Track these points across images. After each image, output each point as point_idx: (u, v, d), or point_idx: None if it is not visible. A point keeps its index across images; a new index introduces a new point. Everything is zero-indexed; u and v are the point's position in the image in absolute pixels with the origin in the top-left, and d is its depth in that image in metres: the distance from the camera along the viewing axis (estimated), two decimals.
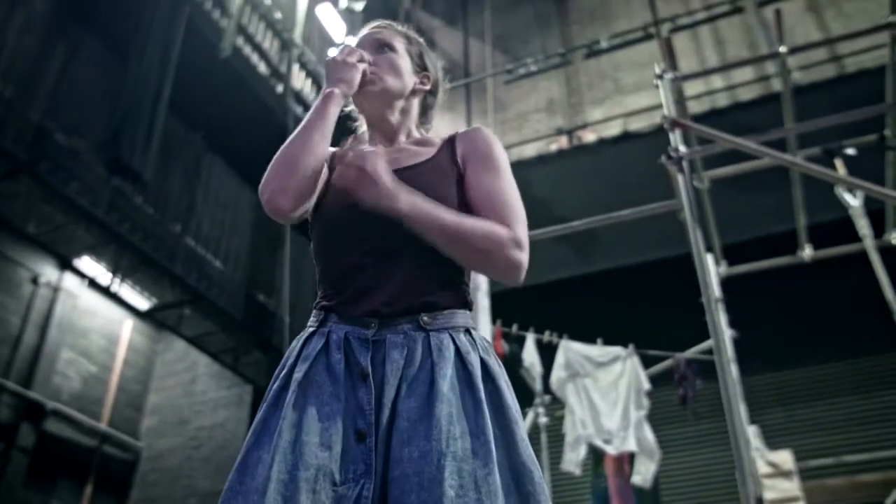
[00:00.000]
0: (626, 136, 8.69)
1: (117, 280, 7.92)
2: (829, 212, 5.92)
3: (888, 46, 5.25)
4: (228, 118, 8.33)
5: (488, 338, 2.34)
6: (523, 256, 1.54)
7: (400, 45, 1.85)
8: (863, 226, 5.21)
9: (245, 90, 8.31)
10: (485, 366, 1.48)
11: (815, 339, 7.27)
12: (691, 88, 9.15)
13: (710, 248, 5.98)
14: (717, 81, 8.66)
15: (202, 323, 8.33)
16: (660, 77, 5.20)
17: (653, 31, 8.87)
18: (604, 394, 5.85)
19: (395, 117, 1.80)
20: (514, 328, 6.04)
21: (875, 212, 5.69)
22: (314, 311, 1.59)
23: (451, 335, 1.49)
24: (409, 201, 1.48)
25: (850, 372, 7.15)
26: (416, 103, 1.84)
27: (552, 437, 6.65)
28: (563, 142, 9.37)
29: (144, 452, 9.19)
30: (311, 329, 1.56)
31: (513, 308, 6.08)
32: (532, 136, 9.58)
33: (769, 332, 6.90)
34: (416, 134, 1.82)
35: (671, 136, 4.97)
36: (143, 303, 8.49)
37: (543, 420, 6.69)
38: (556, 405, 6.52)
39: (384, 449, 1.36)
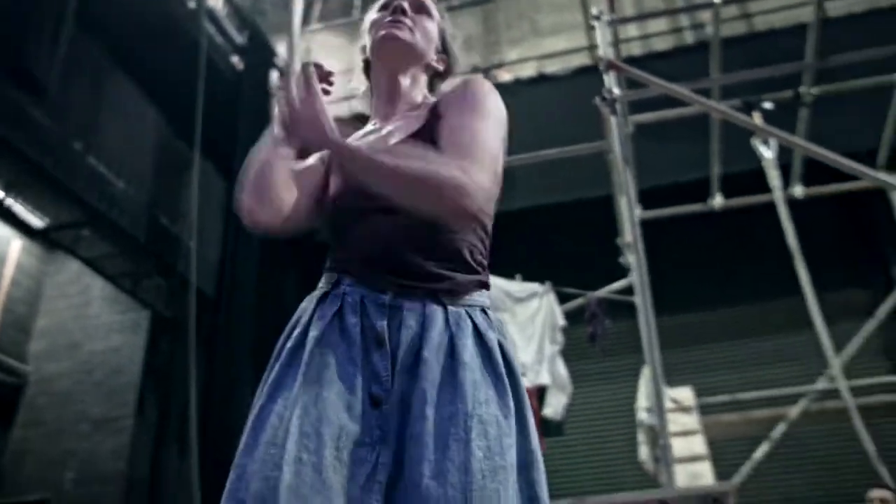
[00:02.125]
0: (541, 78, 8.78)
1: (10, 197, 7.49)
2: (740, 163, 6.19)
3: (813, 6, 5.46)
4: (137, 33, 7.90)
5: None
6: (477, 188, 1.42)
7: (435, 15, 1.82)
8: (774, 177, 5.48)
9: (155, 3, 7.91)
10: (501, 347, 1.47)
11: (718, 283, 7.67)
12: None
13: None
14: (632, 30, 8.82)
15: (100, 245, 8.00)
16: (597, 18, 5.27)
17: None
18: (521, 328, 5.99)
19: (405, 81, 1.75)
20: None
21: (782, 166, 5.99)
22: (326, 273, 1.56)
23: (468, 312, 1.47)
24: (339, 151, 1.45)
25: (748, 315, 7.60)
26: (425, 78, 1.80)
27: None
28: None
29: (32, 376, 8.82)
30: (323, 290, 1.52)
31: None
32: None
33: (673, 275, 7.22)
34: (417, 101, 1.75)
35: (605, 77, 5.06)
36: (36, 221, 8.07)
37: None
38: None
39: (398, 414, 1.34)
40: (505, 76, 9.27)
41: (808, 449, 6.88)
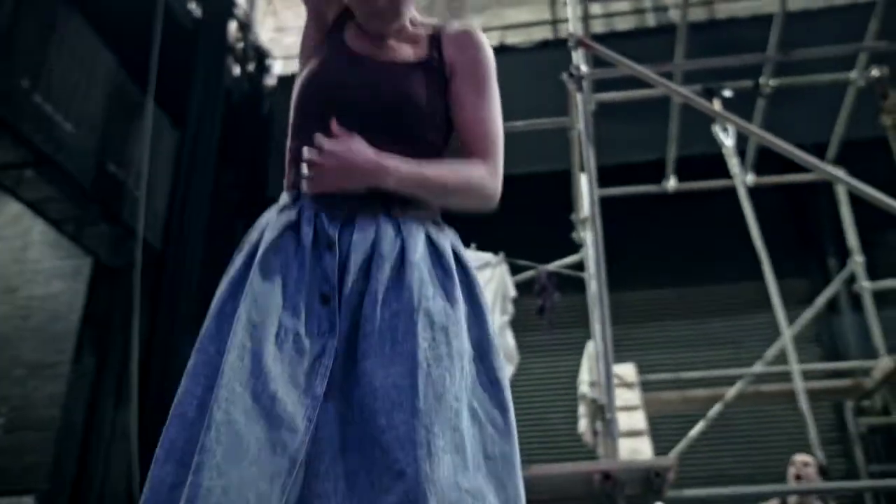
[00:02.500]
0: (502, 48, 8.77)
1: None
2: (695, 148, 6.30)
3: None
4: None
5: None
6: (497, 189, 1.65)
7: None
8: (734, 164, 5.59)
9: None
10: (453, 248, 1.58)
11: (666, 264, 7.82)
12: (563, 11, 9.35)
13: (581, 168, 6.22)
14: (596, 8, 8.85)
15: (43, 188, 7.78)
16: None
17: None
18: None
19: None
20: None
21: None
22: (286, 191, 1.64)
23: (421, 223, 1.57)
24: (395, 176, 1.49)
25: (692, 296, 7.79)
26: None
27: None
28: None
29: None
30: (282, 204, 1.61)
31: None
32: None
33: (623, 253, 7.34)
34: (406, 23, 1.77)
35: (574, 54, 5.08)
36: None
37: None
38: None
39: (350, 311, 1.43)
40: None
41: (738, 428, 7.12)
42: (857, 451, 6.25)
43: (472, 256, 6.24)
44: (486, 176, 1.61)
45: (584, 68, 5.01)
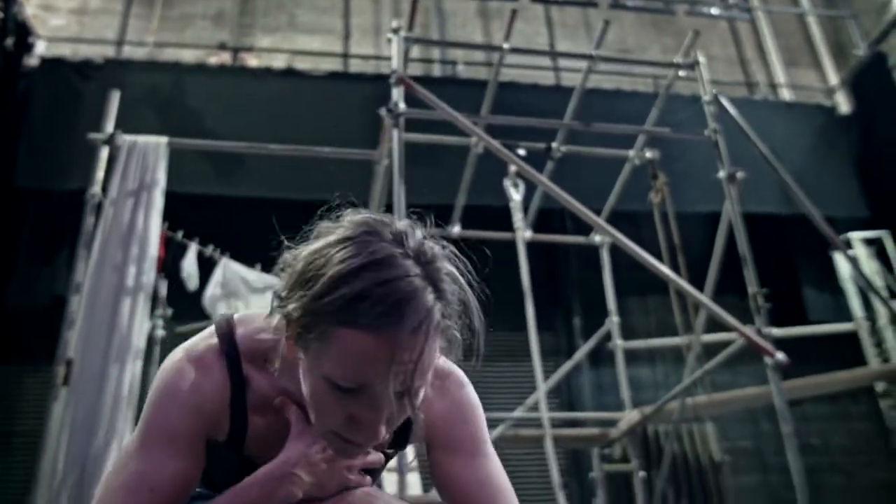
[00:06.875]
0: (290, 73, 8.66)
1: None
2: (484, 198, 6.57)
3: (582, 73, 6.01)
4: None
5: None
6: None
7: (427, 382, 1.25)
8: (518, 219, 5.91)
9: None
10: None
11: None
12: (363, 46, 9.49)
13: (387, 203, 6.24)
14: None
15: None
16: (395, 32, 5.35)
17: None
18: None
19: None
20: (180, 235, 5.73)
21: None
22: None
23: None
24: None
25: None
26: None
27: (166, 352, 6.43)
28: (224, 58, 9.04)
29: None
30: None
31: (183, 212, 5.75)
32: (192, 41, 9.07)
33: None
34: None
35: (394, 91, 5.13)
36: None
37: (161, 333, 6.42)
38: (177, 321, 6.33)
39: None
40: (253, 61, 9.05)
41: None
42: (599, 493, 6.67)
43: (256, 277, 6.07)
44: None
45: (402, 106, 5.08)
